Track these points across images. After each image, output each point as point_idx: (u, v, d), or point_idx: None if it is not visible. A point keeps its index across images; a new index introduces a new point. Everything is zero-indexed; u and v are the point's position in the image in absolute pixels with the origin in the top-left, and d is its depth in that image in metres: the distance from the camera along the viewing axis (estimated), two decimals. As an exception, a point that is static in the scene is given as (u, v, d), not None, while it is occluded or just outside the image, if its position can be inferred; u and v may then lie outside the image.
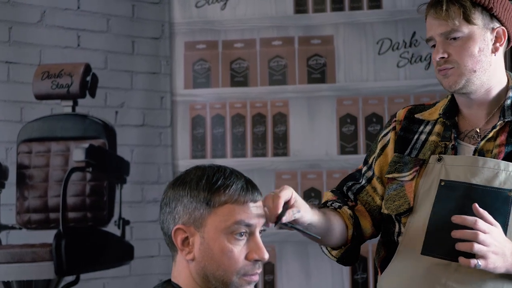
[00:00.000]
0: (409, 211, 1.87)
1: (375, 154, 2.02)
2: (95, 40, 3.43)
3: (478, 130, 1.89)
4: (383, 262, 1.95)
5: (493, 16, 1.87)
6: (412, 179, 1.89)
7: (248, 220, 1.57)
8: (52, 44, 3.32)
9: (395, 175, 1.92)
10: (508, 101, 1.88)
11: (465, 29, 1.85)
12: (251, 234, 1.59)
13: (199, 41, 3.58)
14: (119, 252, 3.45)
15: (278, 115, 3.55)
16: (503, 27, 1.89)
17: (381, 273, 1.94)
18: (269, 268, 3.51)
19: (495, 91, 1.90)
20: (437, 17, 1.86)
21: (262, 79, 3.55)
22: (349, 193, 2.01)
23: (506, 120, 1.86)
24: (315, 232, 1.80)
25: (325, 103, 3.52)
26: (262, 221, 1.61)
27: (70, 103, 3.36)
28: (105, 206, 3.41)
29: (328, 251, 2.00)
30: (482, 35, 1.86)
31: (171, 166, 3.55)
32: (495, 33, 1.88)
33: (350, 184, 2.03)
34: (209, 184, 1.57)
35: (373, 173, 2.00)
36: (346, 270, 3.46)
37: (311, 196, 3.46)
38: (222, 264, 1.56)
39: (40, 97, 3.30)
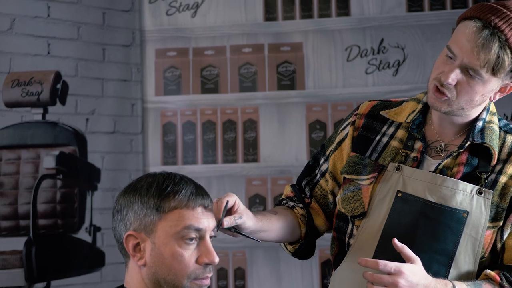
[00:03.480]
0: (363, 215, 1.89)
1: (332, 147, 2.02)
2: (66, 47, 3.44)
3: (443, 144, 1.88)
4: (336, 258, 1.98)
5: None
6: (369, 184, 1.90)
7: (198, 224, 1.60)
8: (22, 52, 3.33)
9: (354, 176, 1.92)
10: (480, 123, 1.86)
11: (486, 76, 1.77)
12: (201, 239, 1.61)
13: (169, 49, 3.61)
14: (90, 259, 3.45)
15: (248, 122, 3.58)
16: None
17: (334, 269, 1.96)
18: (240, 273, 3.53)
19: (472, 116, 1.87)
20: (473, 45, 1.75)
21: (233, 86, 3.58)
22: (306, 189, 2.03)
23: (474, 142, 1.84)
24: (259, 236, 1.85)
25: (294, 110, 3.55)
26: (212, 225, 1.64)
27: (41, 110, 3.37)
28: (76, 213, 3.42)
29: (284, 245, 2.04)
30: (493, 85, 1.80)
31: (142, 173, 3.56)
32: (506, 87, 1.83)
33: (307, 180, 2.04)
34: (159, 190, 1.60)
35: (328, 167, 2.01)
36: (316, 275, 3.49)
37: (281, 201, 3.49)
38: (173, 269, 1.58)
39: (10, 104, 3.31)
